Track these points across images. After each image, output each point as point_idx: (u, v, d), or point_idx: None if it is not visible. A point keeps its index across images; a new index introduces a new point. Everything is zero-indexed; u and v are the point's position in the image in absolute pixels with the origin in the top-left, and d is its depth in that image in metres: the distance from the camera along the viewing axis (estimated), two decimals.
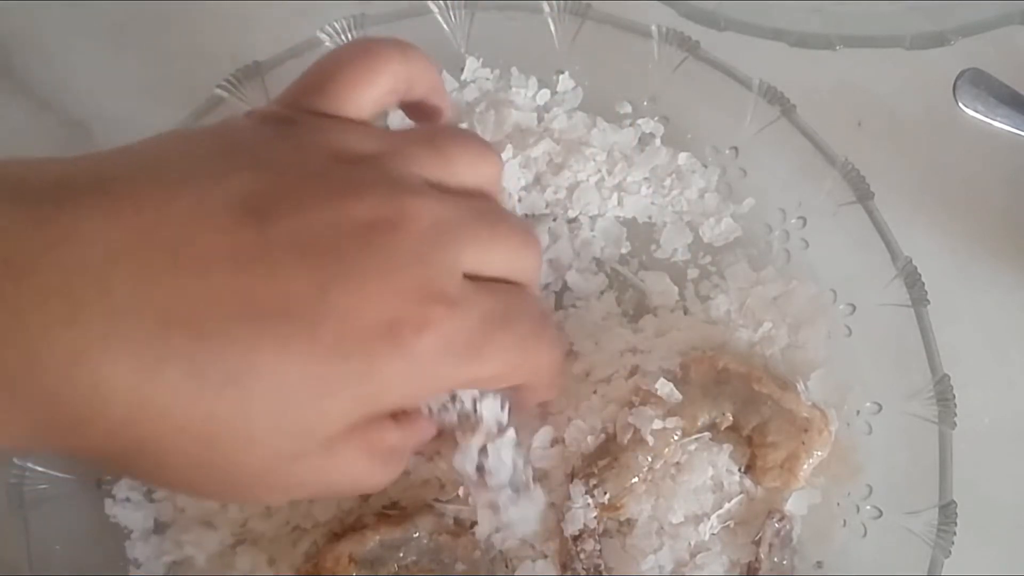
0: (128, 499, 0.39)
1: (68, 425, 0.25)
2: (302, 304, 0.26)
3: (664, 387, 0.38)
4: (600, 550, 0.38)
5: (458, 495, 0.38)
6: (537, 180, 0.42)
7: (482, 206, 0.31)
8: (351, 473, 0.30)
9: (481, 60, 0.42)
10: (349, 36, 0.40)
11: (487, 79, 0.42)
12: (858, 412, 0.39)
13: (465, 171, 0.31)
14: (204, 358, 0.25)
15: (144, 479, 0.29)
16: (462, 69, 0.42)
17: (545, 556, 0.38)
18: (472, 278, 0.29)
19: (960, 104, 0.42)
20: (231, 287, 0.25)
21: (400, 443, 0.31)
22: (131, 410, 0.24)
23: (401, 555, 0.37)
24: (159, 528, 0.40)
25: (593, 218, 0.42)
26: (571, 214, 0.42)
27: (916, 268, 0.38)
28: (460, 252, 0.29)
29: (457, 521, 0.38)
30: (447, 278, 0.28)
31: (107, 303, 0.24)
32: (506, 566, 0.38)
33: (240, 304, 0.25)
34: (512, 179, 0.41)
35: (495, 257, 0.30)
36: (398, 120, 0.40)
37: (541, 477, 0.39)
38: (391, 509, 0.39)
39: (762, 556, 0.38)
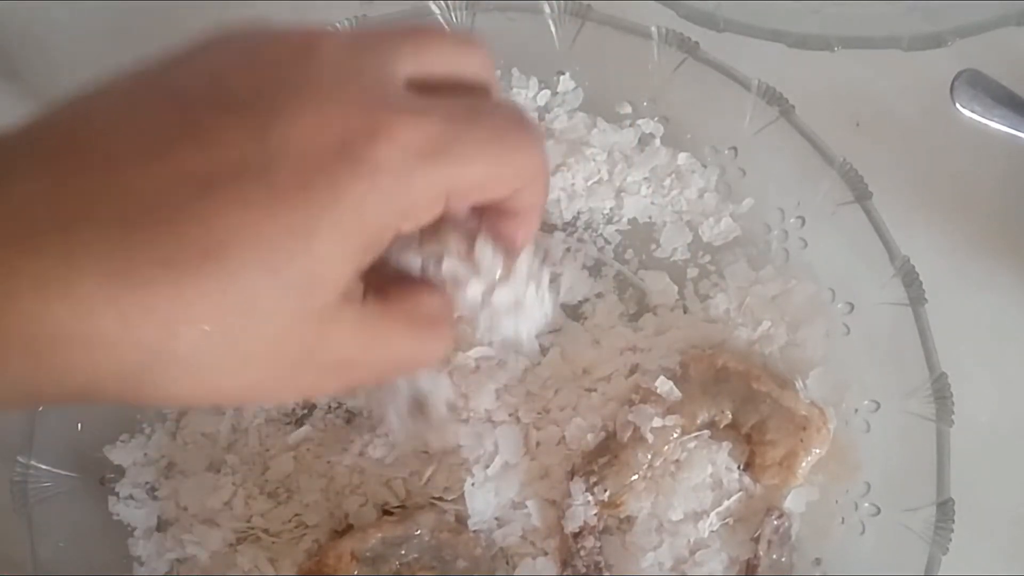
0: (131, 497, 0.40)
1: (65, 359, 0.24)
2: (246, 157, 0.25)
3: (664, 385, 0.38)
4: (600, 547, 0.38)
5: (461, 495, 0.38)
6: None
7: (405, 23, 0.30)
8: (397, 347, 0.29)
9: None
10: None
11: None
12: (856, 410, 0.40)
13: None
14: (171, 245, 0.24)
15: (178, 399, 0.28)
16: None
17: (545, 553, 0.38)
18: (421, 90, 0.28)
19: (957, 105, 0.42)
20: (169, 169, 0.24)
21: (439, 310, 0.30)
22: (121, 323, 0.24)
23: (403, 552, 0.37)
24: (162, 526, 0.40)
25: (593, 217, 0.42)
26: (568, 215, 0.42)
27: (914, 267, 0.38)
28: (392, 58, 0.28)
29: (458, 519, 0.38)
30: (385, 86, 0.27)
31: (62, 228, 0.24)
32: (507, 563, 0.39)
33: (184, 182, 0.24)
34: None
35: (434, 57, 0.29)
36: None
37: (543, 474, 0.39)
38: (393, 508, 0.39)
39: (761, 553, 0.38)
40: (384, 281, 0.31)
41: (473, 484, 0.38)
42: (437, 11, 0.40)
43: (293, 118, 0.25)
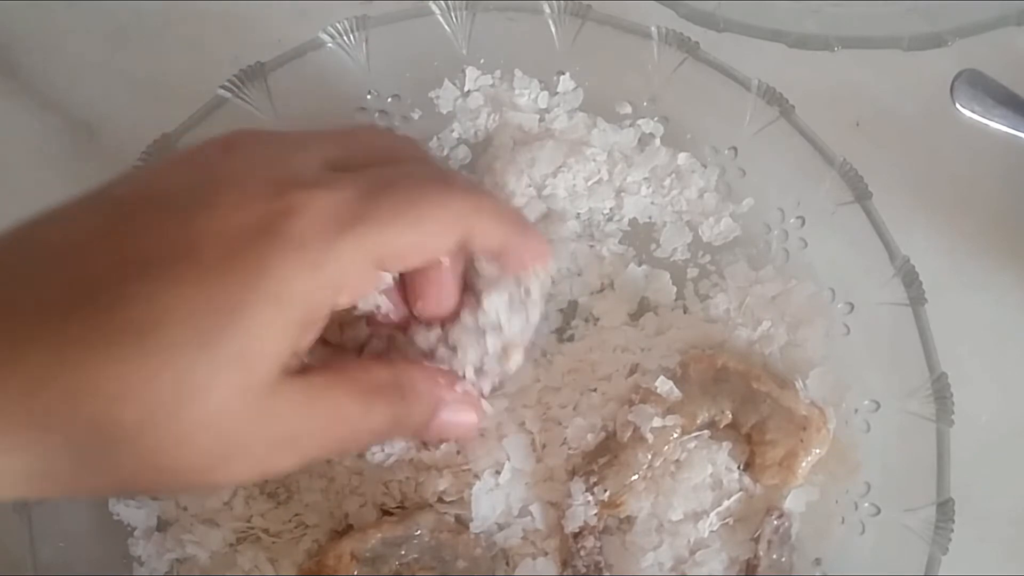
0: (131, 497, 0.39)
1: (18, 438, 0.25)
2: (175, 240, 0.27)
3: (664, 385, 0.38)
4: (600, 547, 0.38)
5: (462, 498, 0.38)
6: (539, 181, 0.42)
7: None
8: (344, 416, 0.29)
9: (482, 62, 0.42)
10: (351, 37, 0.40)
11: (490, 85, 0.42)
12: (856, 410, 0.40)
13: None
14: (112, 323, 0.25)
15: (127, 483, 0.29)
16: (463, 70, 0.42)
17: (546, 553, 0.38)
18: (341, 167, 0.30)
19: (957, 105, 0.42)
20: (106, 256, 0.26)
21: (393, 380, 0.31)
22: (67, 397, 0.25)
23: (402, 553, 0.37)
24: (162, 526, 0.40)
25: (593, 217, 0.42)
26: (572, 213, 0.42)
27: (914, 267, 0.38)
28: (314, 149, 0.30)
29: (458, 519, 0.38)
30: (301, 168, 0.29)
31: (10, 311, 0.25)
32: (507, 564, 0.39)
33: (120, 266, 0.26)
34: (515, 181, 0.41)
35: (354, 146, 0.31)
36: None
37: (548, 477, 0.39)
38: (392, 508, 0.39)
39: (761, 553, 0.38)
40: (332, 355, 0.32)
41: (479, 489, 0.38)
42: (437, 11, 0.40)
43: (215, 205, 0.27)
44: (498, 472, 0.38)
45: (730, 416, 0.39)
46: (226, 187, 0.28)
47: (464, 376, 0.35)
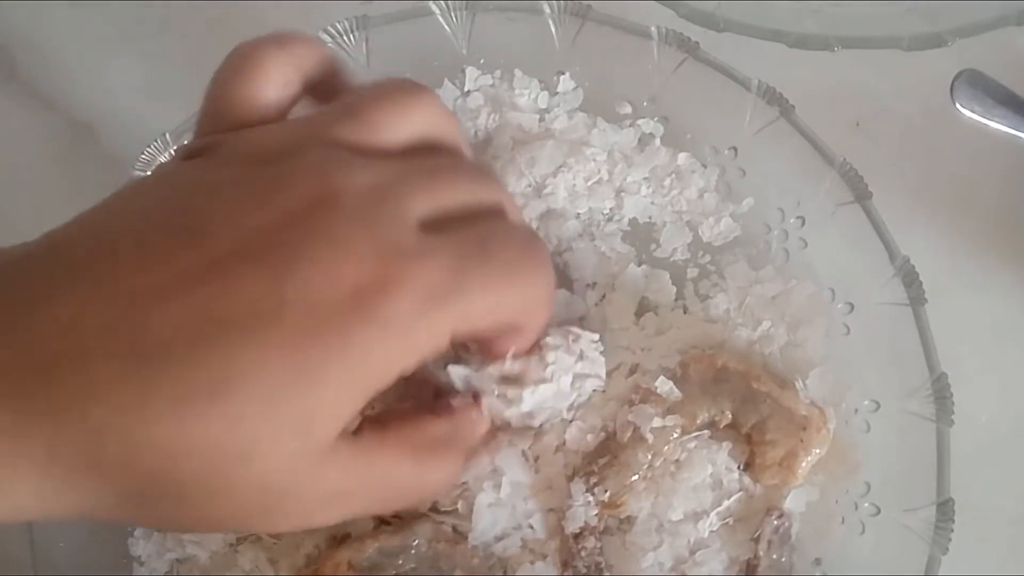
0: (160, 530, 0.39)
1: (75, 480, 0.25)
2: (261, 303, 0.26)
3: (664, 385, 0.38)
4: (601, 548, 0.38)
5: (456, 508, 0.38)
6: (539, 181, 0.42)
7: (419, 159, 0.30)
8: (396, 476, 0.29)
9: (482, 62, 0.42)
10: (351, 37, 0.40)
11: (490, 85, 0.42)
12: (856, 410, 0.40)
13: (393, 127, 0.31)
14: (182, 382, 0.25)
15: (170, 524, 0.29)
16: (463, 70, 0.42)
17: (544, 557, 0.38)
18: (434, 226, 0.29)
19: (957, 105, 0.42)
20: (188, 310, 0.25)
21: (446, 435, 0.31)
22: (129, 451, 0.25)
23: (400, 563, 0.37)
24: None
25: (593, 217, 0.42)
26: (572, 213, 0.42)
27: (914, 267, 0.38)
28: (406, 204, 0.28)
29: (456, 529, 0.38)
30: (398, 232, 0.28)
31: (82, 358, 0.25)
32: (504, 573, 0.38)
33: (201, 323, 0.25)
34: (515, 181, 0.41)
35: (447, 197, 0.30)
36: None
37: (547, 486, 0.39)
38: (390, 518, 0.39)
39: (761, 553, 0.38)
40: (384, 408, 0.32)
41: (480, 503, 0.38)
42: (437, 11, 0.40)
43: (308, 269, 0.26)
44: (498, 487, 0.38)
45: (730, 416, 0.39)
46: (322, 248, 0.27)
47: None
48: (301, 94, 0.33)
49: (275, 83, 0.31)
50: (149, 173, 0.30)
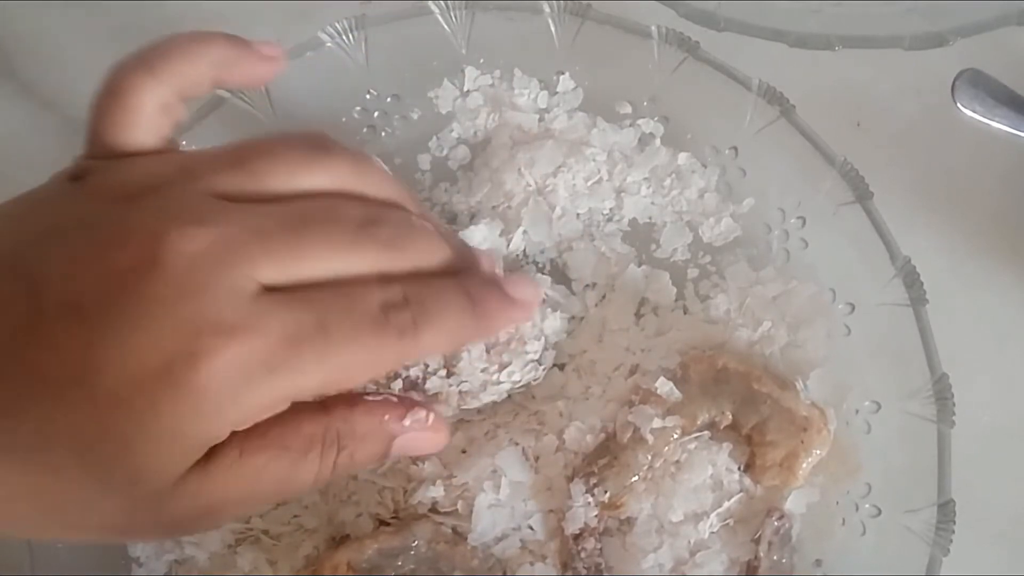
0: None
1: None
2: (76, 365, 0.25)
3: (664, 386, 0.38)
4: (601, 549, 0.38)
5: (456, 509, 0.38)
6: (539, 181, 0.42)
7: (289, 209, 0.28)
8: (264, 479, 0.28)
9: (482, 62, 0.42)
10: (350, 36, 0.40)
11: (490, 85, 0.42)
12: (857, 411, 0.39)
13: (276, 184, 0.29)
14: (6, 433, 0.25)
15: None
16: (462, 70, 0.42)
17: (544, 558, 0.38)
18: (282, 289, 0.27)
19: (958, 104, 0.42)
20: (15, 362, 0.25)
21: (322, 431, 0.30)
22: None
23: (399, 563, 0.37)
24: None
25: (593, 217, 0.42)
26: (572, 213, 0.42)
27: (915, 267, 0.38)
28: (247, 268, 0.27)
29: (455, 530, 0.38)
30: (223, 304, 0.26)
31: None
32: (504, 574, 0.38)
33: (25, 377, 0.25)
34: (514, 181, 0.41)
35: (305, 265, 0.28)
36: None
37: (548, 486, 0.39)
38: (389, 519, 0.39)
39: (761, 554, 0.38)
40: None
41: (480, 504, 0.38)
42: (436, 10, 0.40)
43: (124, 335, 0.26)
44: (498, 487, 0.38)
45: (730, 417, 0.39)
46: (139, 310, 0.26)
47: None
48: (183, 116, 0.31)
49: (147, 112, 0.30)
50: (32, 191, 0.29)
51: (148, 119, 0.30)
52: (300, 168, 0.29)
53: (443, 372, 0.35)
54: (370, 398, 0.32)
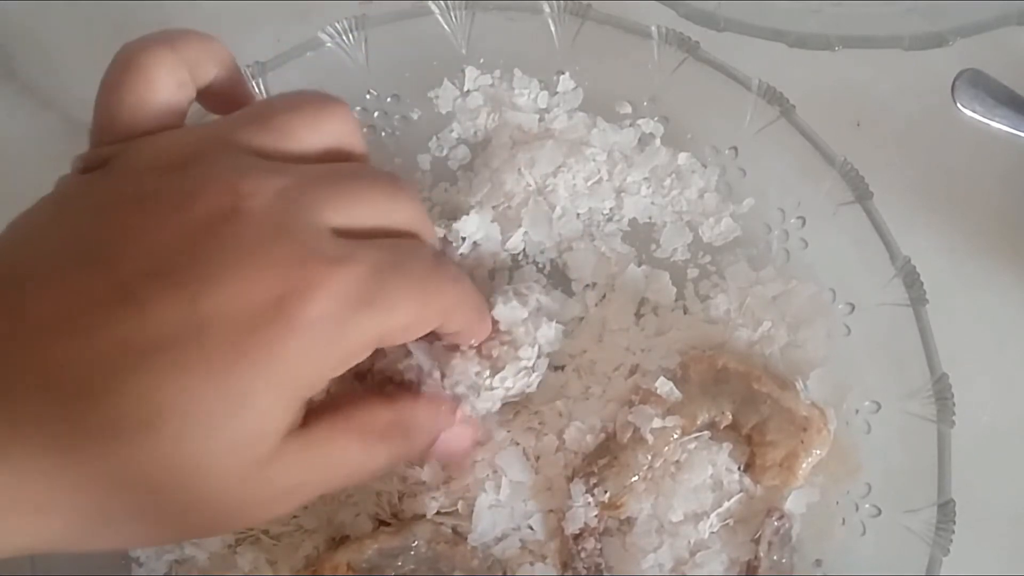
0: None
1: (18, 522, 0.25)
2: (179, 326, 0.25)
3: (664, 386, 0.38)
4: (601, 549, 0.38)
5: (456, 509, 0.38)
6: (539, 181, 0.42)
7: (333, 166, 0.30)
8: (345, 460, 0.29)
9: (482, 62, 0.42)
10: (350, 37, 0.40)
11: (490, 85, 0.42)
12: (857, 411, 0.39)
13: (303, 135, 0.30)
14: (109, 416, 0.24)
15: (105, 546, 0.28)
16: (462, 70, 0.42)
17: (544, 558, 0.38)
18: (347, 235, 0.28)
19: (958, 104, 0.42)
20: (102, 339, 0.25)
21: (396, 419, 0.31)
22: (63, 491, 0.24)
23: (399, 564, 0.37)
24: None
25: (593, 217, 0.42)
26: (572, 213, 0.42)
27: (915, 267, 0.38)
28: (319, 212, 0.27)
29: (455, 530, 0.38)
30: (313, 237, 0.27)
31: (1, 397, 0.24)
32: (504, 575, 0.38)
33: (118, 352, 0.25)
34: (514, 180, 0.41)
35: (361, 211, 0.29)
36: None
37: (548, 487, 0.39)
38: (389, 519, 0.39)
39: (761, 554, 0.38)
40: (338, 391, 0.32)
41: (481, 504, 0.38)
42: (436, 11, 0.40)
43: (223, 283, 0.25)
44: (498, 487, 0.38)
45: (730, 417, 0.39)
46: (236, 261, 0.25)
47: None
48: (195, 97, 0.31)
49: (167, 85, 0.29)
50: (52, 191, 0.29)
51: (169, 93, 0.30)
52: (315, 121, 0.30)
53: (438, 375, 0.35)
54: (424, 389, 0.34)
